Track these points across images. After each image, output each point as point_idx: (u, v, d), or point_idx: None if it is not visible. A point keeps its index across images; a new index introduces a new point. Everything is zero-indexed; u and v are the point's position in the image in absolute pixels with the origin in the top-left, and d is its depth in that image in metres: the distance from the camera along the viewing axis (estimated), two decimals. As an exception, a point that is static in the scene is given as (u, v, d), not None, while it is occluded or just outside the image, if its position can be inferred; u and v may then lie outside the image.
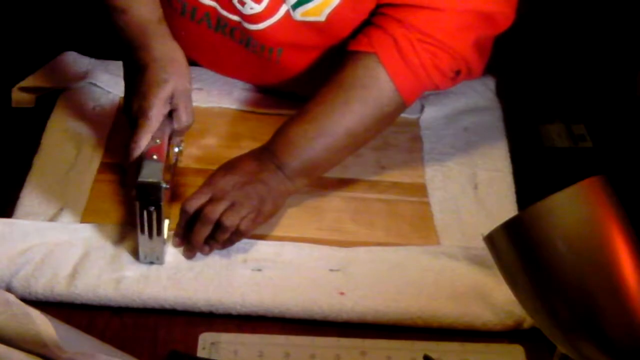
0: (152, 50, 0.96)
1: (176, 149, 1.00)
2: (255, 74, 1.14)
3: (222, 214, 0.93)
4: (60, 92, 1.15)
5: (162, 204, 0.89)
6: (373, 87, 0.99)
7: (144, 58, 0.96)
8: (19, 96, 1.14)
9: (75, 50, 1.20)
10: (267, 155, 0.98)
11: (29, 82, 1.15)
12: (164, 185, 0.89)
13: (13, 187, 1.01)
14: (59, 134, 1.09)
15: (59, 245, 0.94)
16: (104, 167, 1.05)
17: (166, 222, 0.93)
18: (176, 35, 1.00)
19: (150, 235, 0.91)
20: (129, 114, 0.95)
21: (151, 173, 0.89)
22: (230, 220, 0.92)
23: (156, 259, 0.93)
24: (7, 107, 1.14)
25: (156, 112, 0.93)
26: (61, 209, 0.99)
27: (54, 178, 1.02)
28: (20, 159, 1.05)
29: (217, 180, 0.96)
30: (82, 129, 1.09)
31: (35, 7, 1.30)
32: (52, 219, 0.98)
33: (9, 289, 0.89)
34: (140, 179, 0.88)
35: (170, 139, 0.96)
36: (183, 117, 0.96)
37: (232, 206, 0.93)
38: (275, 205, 0.97)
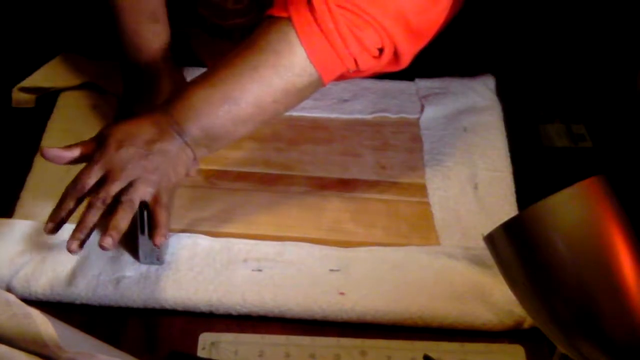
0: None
1: None
2: None
3: (119, 194, 0.86)
4: (60, 92, 1.15)
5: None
6: (284, 53, 0.90)
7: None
8: (19, 96, 1.14)
9: (75, 50, 1.20)
10: (166, 119, 0.90)
11: (29, 82, 1.15)
12: None
13: (13, 187, 1.01)
14: (59, 134, 1.09)
15: (59, 245, 0.94)
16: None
17: None
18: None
19: (151, 235, 0.91)
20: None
21: None
22: (129, 201, 0.86)
23: (156, 260, 0.93)
24: (7, 107, 1.14)
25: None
26: (61, 209, 0.99)
27: (54, 178, 1.02)
28: (20, 159, 1.05)
29: (112, 154, 0.87)
30: (82, 129, 1.09)
31: (35, 7, 1.30)
32: (52, 219, 0.98)
33: (9, 289, 0.89)
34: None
35: None
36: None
37: (129, 186, 0.87)
38: (176, 178, 0.91)
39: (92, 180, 0.87)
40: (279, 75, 0.90)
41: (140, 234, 0.90)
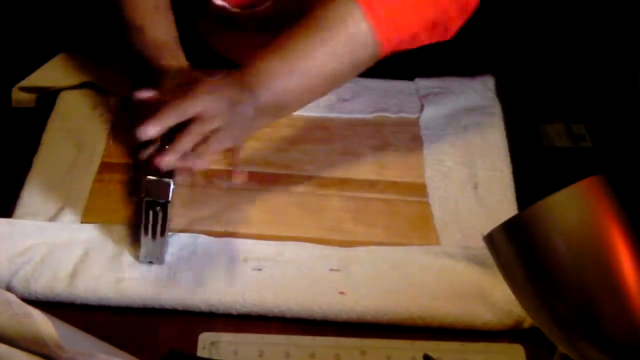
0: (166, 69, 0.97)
1: None
2: None
3: (209, 135, 0.89)
4: (60, 92, 1.15)
5: (169, 203, 0.89)
6: (349, 25, 0.94)
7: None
8: (19, 96, 1.14)
9: (75, 50, 1.20)
10: (242, 86, 0.93)
11: (29, 82, 1.15)
12: (173, 184, 0.88)
13: (13, 187, 1.01)
14: (59, 133, 1.09)
15: (59, 245, 0.94)
16: (104, 167, 1.05)
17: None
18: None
19: (154, 235, 0.91)
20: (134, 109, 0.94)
21: (160, 193, 0.89)
22: (214, 145, 0.89)
23: (156, 259, 0.93)
24: (7, 107, 1.14)
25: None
26: (61, 209, 0.99)
27: (54, 178, 1.03)
28: (20, 158, 1.05)
29: (205, 97, 0.89)
30: (82, 129, 1.09)
31: (35, 7, 1.30)
32: (52, 218, 0.98)
33: (9, 289, 0.89)
34: (149, 176, 0.88)
35: None
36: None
37: (216, 130, 0.89)
38: (245, 138, 0.96)
39: (194, 110, 0.88)
40: (345, 47, 0.95)
41: (144, 232, 0.90)
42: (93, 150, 1.07)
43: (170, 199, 0.89)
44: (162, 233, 0.90)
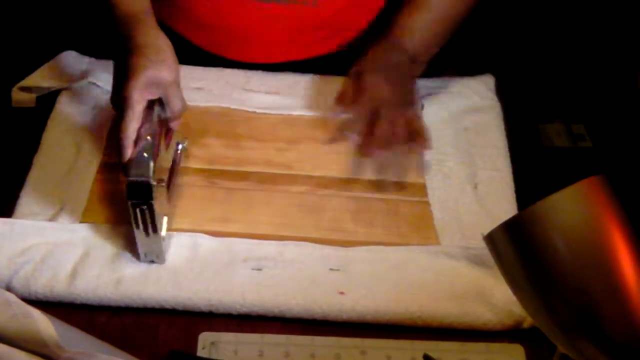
0: (134, 39, 0.97)
1: (180, 146, 1.01)
2: (289, 32, 1.16)
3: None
4: (60, 92, 1.15)
5: (154, 202, 0.88)
6: None
7: (127, 47, 0.96)
8: (19, 96, 1.14)
9: (75, 50, 1.20)
10: (397, 49, 1.08)
11: (29, 81, 1.15)
12: (153, 183, 0.88)
13: (13, 187, 1.01)
14: (59, 133, 1.09)
15: (59, 244, 0.94)
16: (104, 167, 1.05)
17: (165, 219, 0.94)
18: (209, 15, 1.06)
19: (147, 233, 0.91)
20: (116, 106, 0.96)
21: (141, 171, 0.88)
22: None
23: (156, 257, 0.93)
24: (7, 106, 1.14)
25: (137, 98, 0.92)
26: (61, 209, 0.99)
27: (54, 178, 1.03)
28: (20, 158, 1.05)
29: (375, 98, 1.04)
30: (82, 129, 1.09)
31: (35, 7, 1.30)
32: (52, 218, 0.98)
33: (8, 289, 0.89)
34: (129, 178, 0.88)
35: (166, 133, 0.96)
36: (173, 105, 0.96)
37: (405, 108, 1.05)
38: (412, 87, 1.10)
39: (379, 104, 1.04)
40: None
41: (137, 232, 0.90)
42: (93, 150, 1.07)
43: (153, 198, 0.88)
44: (155, 230, 0.90)
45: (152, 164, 0.89)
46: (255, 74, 1.19)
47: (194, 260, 0.94)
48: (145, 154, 0.90)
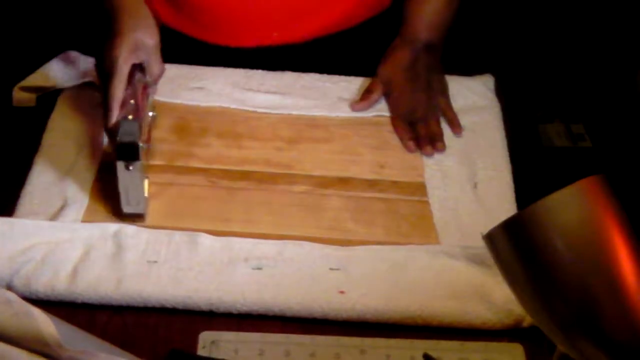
0: (120, 4, 1.02)
1: (150, 113, 1.06)
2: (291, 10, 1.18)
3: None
4: (60, 92, 1.15)
5: (141, 161, 0.94)
6: None
7: (112, 13, 1.02)
8: (19, 95, 1.14)
9: (75, 50, 1.20)
10: (415, 45, 1.15)
11: (29, 81, 1.15)
12: (141, 144, 0.94)
13: (14, 186, 1.01)
14: (59, 133, 1.09)
15: (60, 244, 0.94)
16: (104, 166, 1.05)
17: (145, 181, 0.98)
18: None
19: (132, 190, 0.96)
20: (101, 72, 1.00)
21: (129, 133, 0.94)
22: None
23: (137, 205, 0.97)
24: (8, 106, 1.14)
25: (123, 62, 0.98)
26: (62, 208, 0.99)
27: (54, 177, 1.03)
28: (21, 158, 1.05)
29: (408, 98, 1.13)
30: (83, 128, 1.10)
31: (35, 7, 1.30)
32: (53, 218, 0.98)
33: (9, 288, 0.89)
34: (119, 139, 0.94)
35: (145, 94, 1.02)
36: (153, 68, 1.03)
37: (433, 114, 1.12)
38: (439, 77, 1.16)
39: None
40: None
41: (122, 191, 0.96)
42: (93, 149, 1.07)
43: (140, 158, 0.94)
44: (138, 188, 0.96)
45: (138, 125, 0.95)
46: (256, 74, 1.19)
47: (194, 260, 0.94)
48: (130, 117, 0.96)
